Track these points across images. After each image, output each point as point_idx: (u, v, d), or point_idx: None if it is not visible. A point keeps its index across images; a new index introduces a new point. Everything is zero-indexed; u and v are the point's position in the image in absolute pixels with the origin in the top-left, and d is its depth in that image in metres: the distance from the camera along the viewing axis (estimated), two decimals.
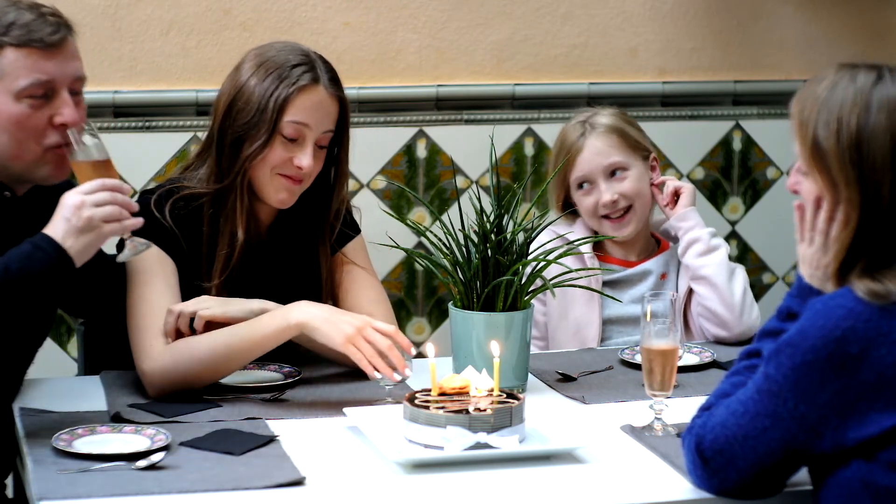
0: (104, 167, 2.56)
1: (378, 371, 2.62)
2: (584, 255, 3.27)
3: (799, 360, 2.11)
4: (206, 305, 2.77)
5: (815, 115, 2.17)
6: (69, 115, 2.59)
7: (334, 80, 2.89)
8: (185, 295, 2.84)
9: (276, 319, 2.71)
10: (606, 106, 3.40)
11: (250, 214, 2.90)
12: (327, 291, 2.97)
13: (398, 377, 2.65)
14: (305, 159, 2.85)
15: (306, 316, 2.69)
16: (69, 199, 2.49)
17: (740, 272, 3.26)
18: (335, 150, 2.95)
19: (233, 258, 2.87)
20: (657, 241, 3.39)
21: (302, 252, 2.98)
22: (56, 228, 2.48)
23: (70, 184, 2.66)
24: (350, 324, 2.66)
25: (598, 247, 3.36)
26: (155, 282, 2.81)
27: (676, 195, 3.31)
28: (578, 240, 3.06)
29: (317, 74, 2.86)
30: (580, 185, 3.31)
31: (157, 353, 2.73)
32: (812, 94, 2.19)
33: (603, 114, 3.35)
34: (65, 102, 2.59)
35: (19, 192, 2.68)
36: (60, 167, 2.63)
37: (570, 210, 3.31)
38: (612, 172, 3.30)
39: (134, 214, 2.71)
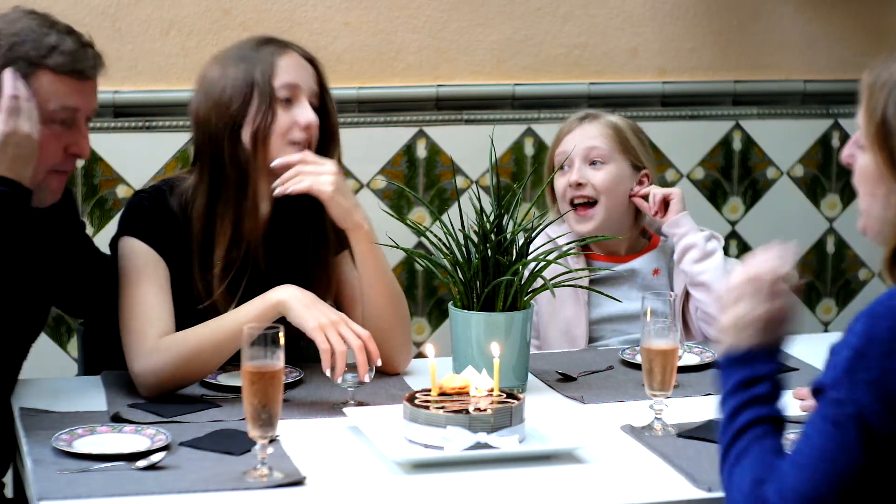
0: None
1: (333, 369, 2.63)
2: (570, 255, 3.24)
3: (877, 368, 1.95)
4: None
5: (888, 92, 2.12)
6: (85, 149, 2.64)
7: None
8: (179, 292, 2.83)
9: (258, 302, 2.72)
10: (624, 116, 3.39)
11: (251, 211, 2.89)
12: (326, 289, 2.95)
13: (356, 380, 2.66)
14: (307, 114, 2.85)
15: (286, 295, 2.70)
16: None
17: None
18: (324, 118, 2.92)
19: (236, 254, 2.86)
20: (649, 237, 3.38)
21: (301, 251, 2.97)
22: None
23: (69, 192, 2.68)
24: (326, 315, 2.67)
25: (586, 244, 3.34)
26: (145, 282, 2.80)
27: (666, 202, 3.28)
28: (572, 242, 3.05)
29: (284, 42, 2.91)
30: (561, 167, 3.30)
31: (146, 352, 2.73)
32: (887, 70, 2.11)
33: (612, 114, 3.36)
34: (83, 134, 2.64)
35: None
36: (57, 191, 2.67)
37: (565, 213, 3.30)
38: (592, 162, 3.29)
39: (129, 210, 2.84)
